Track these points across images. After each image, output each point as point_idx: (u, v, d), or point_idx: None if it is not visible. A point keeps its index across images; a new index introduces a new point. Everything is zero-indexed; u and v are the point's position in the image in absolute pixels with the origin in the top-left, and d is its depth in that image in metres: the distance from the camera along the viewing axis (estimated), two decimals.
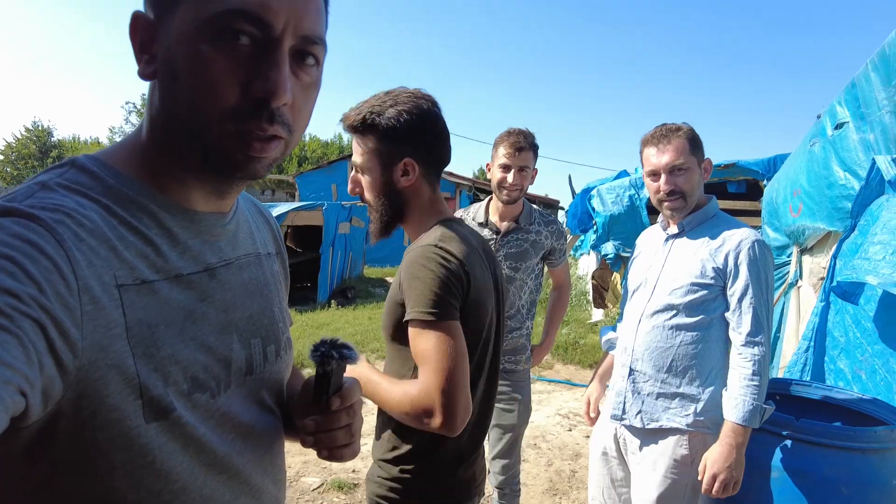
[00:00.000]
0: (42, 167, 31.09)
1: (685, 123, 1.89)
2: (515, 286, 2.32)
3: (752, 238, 1.74)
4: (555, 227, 2.38)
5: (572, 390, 5.68)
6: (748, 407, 1.63)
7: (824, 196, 3.59)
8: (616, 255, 7.73)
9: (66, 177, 0.61)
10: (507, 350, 2.34)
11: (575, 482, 3.61)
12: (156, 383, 0.59)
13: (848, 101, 3.45)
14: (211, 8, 0.58)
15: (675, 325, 1.79)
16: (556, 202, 27.68)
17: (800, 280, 4.09)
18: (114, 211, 0.61)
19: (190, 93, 0.60)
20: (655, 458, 1.81)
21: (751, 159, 7.22)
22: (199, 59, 0.58)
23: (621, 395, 1.90)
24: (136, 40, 0.63)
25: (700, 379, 1.77)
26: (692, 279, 1.77)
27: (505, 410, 2.35)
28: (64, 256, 0.53)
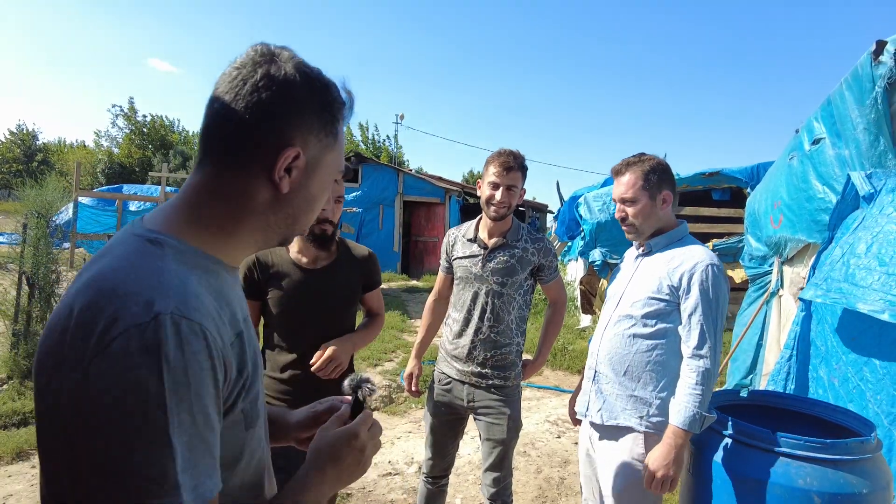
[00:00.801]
0: (27, 170, 30.44)
1: (650, 157, 2.05)
2: (503, 301, 2.36)
3: (706, 262, 1.89)
4: (542, 245, 2.42)
5: (561, 396, 5.75)
6: (689, 413, 1.78)
7: (803, 209, 3.70)
8: (603, 262, 7.83)
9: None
10: (497, 365, 2.38)
11: (564, 489, 3.68)
12: (249, 411, 0.83)
13: (824, 117, 3.56)
14: (337, 170, 0.92)
15: (632, 333, 1.98)
16: (545, 206, 27.76)
17: (781, 289, 4.19)
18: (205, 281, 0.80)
19: (315, 205, 0.91)
20: (616, 454, 1.99)
21: (735, 167, 7.36)
22: (325, 191, 0.91)
23: (586, 395, 2.12)
24: (285, 163, 0.81)
25: (653, 384, 1.94)
26: (649, 294, 1.96)
27: (494, 424, 2.38)
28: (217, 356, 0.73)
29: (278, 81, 0.80)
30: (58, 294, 5.62)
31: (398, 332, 8.33)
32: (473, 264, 2.42)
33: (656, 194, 2.01)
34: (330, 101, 0.87)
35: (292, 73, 0.81)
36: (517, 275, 2.36)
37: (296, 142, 0.82)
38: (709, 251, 1.96)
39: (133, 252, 0.73)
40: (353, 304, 2.22)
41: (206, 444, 0.69)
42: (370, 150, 32.19)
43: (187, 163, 32.38)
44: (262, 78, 0.79)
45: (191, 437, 0.66)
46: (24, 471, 3.54)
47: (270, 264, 2.08)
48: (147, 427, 0.63)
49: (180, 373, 0.65)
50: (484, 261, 2.39)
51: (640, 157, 2.05)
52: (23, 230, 5.42)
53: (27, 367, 5.13)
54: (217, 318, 0.75)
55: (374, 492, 3.50)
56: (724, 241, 6.94)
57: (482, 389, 2.40)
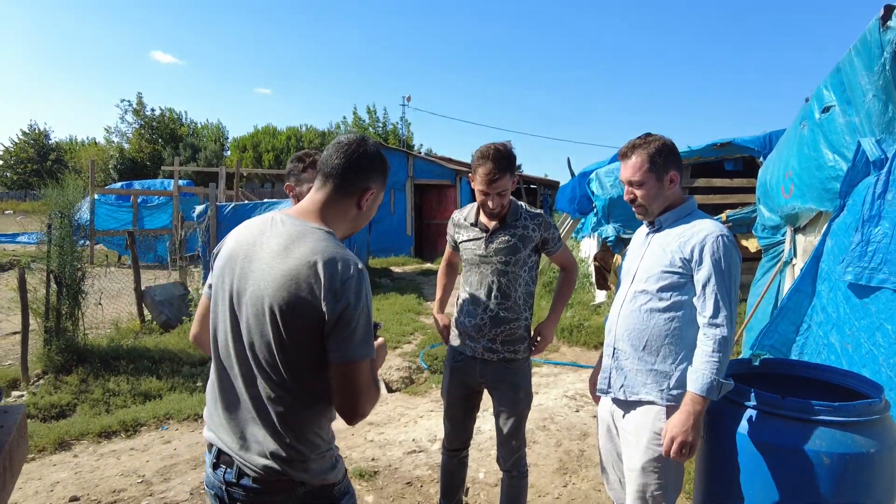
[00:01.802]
0: (41, 170, 30.83)
1: (656, 138, 2.07)
2: (509, 279, 2.47)
3: (716, 233, 1.93)
4: (540, 220, 2.52)
5: (578, 372, 5.85)
6: (706, 380, 1.82)
7: (814, 177, 3.71)
8: (616, 237, 7.85)
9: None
10: (507, 340, 2.49)
11: (584, 461, 3.79)
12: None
13: (834, 85, 3.55)
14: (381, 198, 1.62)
15: (649, 308, 2.02)
16: (557, 183, 27.62)
17: (794, 258, 4.22)
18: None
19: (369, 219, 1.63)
20: (638, 429, 2.03)
21: (747, 136, 7.30)
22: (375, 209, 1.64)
23: (607, 371, 2.16)
24: (367, 197, 1.57)
25: (672, 357, 1.98)
26: (662, 268, 2.00)
27: (505, 396, 2.51)
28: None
29: (370, 155, 1.55)
30: (84, 291, 5.79)
31: (415, 315, 8.45)
32: (477, 247, 2.52)
33: (663, 175, 2.04)
34: (386, 166, 1.61)
35: (374, 151, 1.56)
36: (520, 252, 2.46)
37: (373, 186, 1.56)
38: (717, 223, 1.99)
39: (325, 238, 1.44)
40: None
41: (371, 326, 1.42)
42: (378, 133, 32.11)
43: (197, 154, 32.58)
44: (363, 152, 1.54)
45: (368, 320, 1.40)
46: (66, 460, 3.72)
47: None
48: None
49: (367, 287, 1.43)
50: (486, 242, 2.50)
51: (645, 139, 2.07)
52: (48, 230, 5.58)
53: (61, 362, 5.32)
54: None
55: (400, 469, 3.63)
56: (738, 212, 6.93)
57: (493, 363, 2.52)
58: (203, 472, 3.52)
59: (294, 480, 1.41)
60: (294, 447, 1.40)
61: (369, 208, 1.58)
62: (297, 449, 1.41)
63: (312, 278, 1.34)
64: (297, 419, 1.41)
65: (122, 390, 4.97)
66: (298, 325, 1.35)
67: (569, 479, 3.55)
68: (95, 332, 6.47)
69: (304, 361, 1.39)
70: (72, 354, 5.43)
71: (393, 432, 4.20)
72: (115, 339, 6.27)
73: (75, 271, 5.70)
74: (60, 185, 5.95)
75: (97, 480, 3.43)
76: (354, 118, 33.56)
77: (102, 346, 5.87)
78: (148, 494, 3.27)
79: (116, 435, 4.13)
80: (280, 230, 1.45)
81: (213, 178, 16.60)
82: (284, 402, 1.40)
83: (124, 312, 7.51)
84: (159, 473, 3.52)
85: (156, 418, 4.38)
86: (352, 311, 1.34)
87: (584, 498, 3.32)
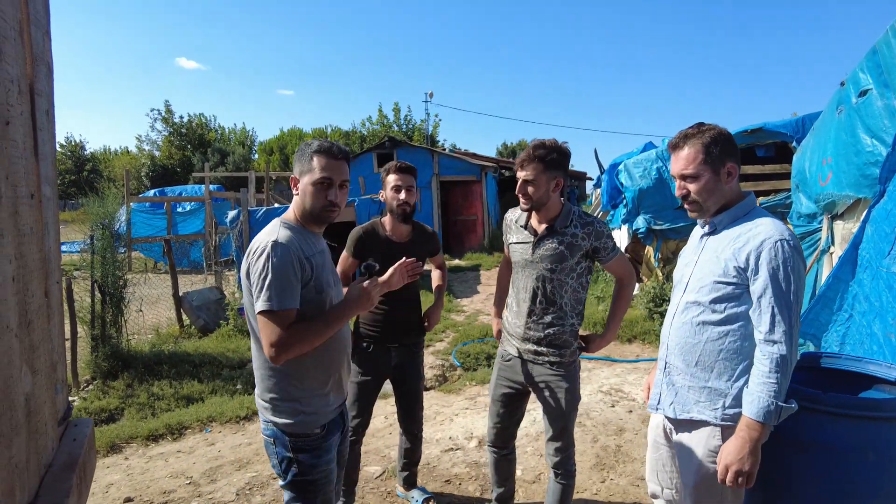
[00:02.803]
0: (79, 180, 31.79)
1: (710, 126, 1.89)
2: (554, 285, 2.45)
3: (775, 237, 1.73)
4: (592, 228, 2.44)
5: (612, 367, 5.82)
6: (762, 404, 1.66)
7: (851, 163, 3.62)
8: (647, 229, 7.76)
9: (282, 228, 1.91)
10: (553, 344, 2.49)
11: (621, 456, 3.78)
12: (320, 286, 1.93)
13: (870, 67, 3.46)
14: (315, 178, 1.93)
15: (701, 321, 1.86)
16: (584, 174, 27.36)
17: (832, 246, 4.13)
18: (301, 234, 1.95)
19: (311, 201, 1.96)
20: (692, 447, 1.89)
21: (778, 121, 7.13)
22: (312, 192, 1.94)
23: (658, 387, 2.02)
24: (293, 179, 1.99)
25: (728, 374, 1.81)
26: (715, 277, 1.83)
27: (552, 398, 2.52)
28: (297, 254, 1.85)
29: (299, 151, 1.97)
30: (126, 299, 6.00)
31: (446, 313, 8.50)
32: (524, 250, 2.51)
33: (720, 168, 1.85)
34: (305, 151, 1.94)
35: (301, 146, 1.98)
36: (567, 261, 2.42)
37: (295, 172, 1.98)
38: (779, 224, 1.79)
39: (270, 226, 1.91)
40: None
41: (292, 288, 1.79)
42: (403, 131, 32.24)
43: (225, 159, 33.19)
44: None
45: (287, 283, 1.80)
46: (118, 462, 3.88)
47: (374, 235, 2.95)
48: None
49: (275, 259, 1.79)
50: (533, 247, 2.47)
51: (698, 128, 1.89)
52: (90, 241, 5.78)
53: (107, 368, 5.53)
54: (300, 246, 1.87)
55: (439, 467, 3.68)
56: (771, 199, 6.78)
57: (539, 365, 2.53)
58: (246, 472, 3.63)
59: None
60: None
61: (302, 190, 1.95)
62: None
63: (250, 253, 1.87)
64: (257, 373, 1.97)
65: (165, 394, 5.14)
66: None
67: (606, 474, 3.56)
68: (137, 338, 6.69)
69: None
70: (117, 360, 5.64)
71: (429, 430, 4.26)
72: (157, 345, 6.48)
73: (117, 280, 5.91)
74: (100, 196, 6.16)
75: (148, 482, 3.57)
76: (379, 116, 33.76)
77: (145, 351, 6.07)
78: (196, 495, 3.39)
79: (163, 438, 4.28)
80: None
81: (243, 183, 16.92)
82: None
83: (163, 318, 7.75)
84: (206, 475, 3.64)
85: (199, 421, 4.52)
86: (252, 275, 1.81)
87: (622, 493, 3.32)
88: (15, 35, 1.13)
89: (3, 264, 1.00)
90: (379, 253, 2.81)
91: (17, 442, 1.03)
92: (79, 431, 1.25)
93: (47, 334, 1.27)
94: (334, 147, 1.93)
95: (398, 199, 2.88)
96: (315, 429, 1.93)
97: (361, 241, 2.92)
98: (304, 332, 1.78)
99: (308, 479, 1.92)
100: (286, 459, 1.90)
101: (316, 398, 1.93)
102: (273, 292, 1.74)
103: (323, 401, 1.95)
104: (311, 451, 1.92)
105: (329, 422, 1.98)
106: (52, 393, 1.28)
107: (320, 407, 1.94)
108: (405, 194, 2.88)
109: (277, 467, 1.94)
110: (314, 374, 1.92)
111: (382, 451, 3.87)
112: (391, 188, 2.89)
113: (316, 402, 1.93)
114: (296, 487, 1.93)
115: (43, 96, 1.31)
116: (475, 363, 6.05)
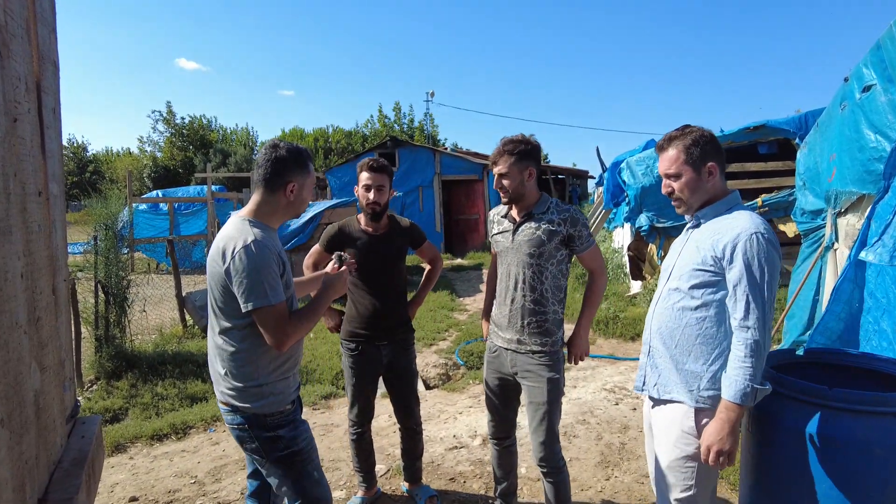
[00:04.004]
0: (82, 181, 31.96)
1: (693, 129, 2.01)
2: (534, 271, 2.50)
3: (751, 230, 1.83)
4: (567, 215, 2.51)
5: (616, 364, 5.82)
6: (739, 387, 1.76)
7: (855, 159, 3.61)
8: (650, 227, 7.75)
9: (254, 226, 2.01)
10: (534, 332, 2.52)
11: (625, 453, 3.78)
12: (287, 280, 2.06)
13: (874, 62, 3.45)
14: (311, 186, 2.18)
15: (681, 306, 1.97)
16: (585, 172, 27.31)
17: (836, 242, 4.11)
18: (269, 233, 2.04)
19: (304, 204, 2.16)
20: (667, 427, 2.00)
21: (781, 118, 7.12)
22: (309, 196, 2.18)
23: (643, 369, 2.14)
24: (291, 189, 2.08)
25: (704, 358, 1.92)
26: (694, 266, 1.94)
27: (533, 387, 2.53)
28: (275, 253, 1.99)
29: (281, 156, 2.04)
30: (129, 299, 6.02)
31: (448, 312, 8.50)
32: (505, 238, 2.61)
33: (700, 167, 1.97)
34: (303, 158, 2.10)
35: (284, 151, 2.06)
36: (544, 245, 2.49)
37: (293, 179, 2.06)
38: (755, 218, 1.89)
39: (236, 224, 2.01)
40: (402, 259, 3.10)
41: (279, 282, 1.94)
42: (404, 131, 32.24)
43: (227, 160, 33.22)
44: (274, 156, 2.04)
45: (274, 278, 1.93)
46: (123, 462, 3.89)
47: (349, 232, 2.98)
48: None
49: (260, 257, 1.90)
50: (513, 234, 2.56)
51: (682, 131, 2.02)
52: (94, 242, 5.79)
53: (111, 368, 5.54)
54: (272, 243, 1.99)
55: (443, 465, 3.68)
56: (774, 196, 6.77)
57: (522, 355, 2.56)
58: None
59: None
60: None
61: (297, 195, 2.08)
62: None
63: (220, 253, 1.95)
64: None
65: (169, 394, 5.15)
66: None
67: (611, 472, 3.55)
68: (141, 338, 6.70)
69: None
70: (121, 360, 5.65)
71: (433, 429, 4.26)
72: (160, 345, 6.49)
73: (121, 280, 5.92)
74: (103, 197, 6.18)
75: (153, 481, 3.57)
76: (380, 116, 33.76)
77: (149, 351, 6.08)
78: (201, 494, 3.40)
79: (168, 437, 4.29)
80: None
81: (245, 183, 16.94)
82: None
83: (167, 318, 7.76)
84: (210, 474, 3.65)
85: (203, 420, 4.53)
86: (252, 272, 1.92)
87: (627, 491, 3.32)
88: (22, 33, 1.13)
89: (12, 261, 1.00)
90: (354, 247, 2.93)
91: (26, 438, 1.03)
92: (87, 429, 1.26)
93: (55, 331, 1.28)
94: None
95: (367, 199, 2.91)
96: (286, 405, 2.09)
97: (335, 237, 2.98)
98: (301, 320, 2.00)
99: (294, 450, 2.06)
100: (268, 438, 2.02)
101: (281, 382, 2.08)
102: (267, 287, 1.88)
103: (286, 384, 2.11)
104: (288, 424, 2.07)
105: (294, 399, 2.16)
106: (60, 390, 1.28)
107: (285, 388, 2.10)
108: (374, 194, 2.89)
109: (259, 451, 2.04)
110: (279, 361, 2.07)
111: (387, 450, 3.87)
112: (362, 186, 2.93)
113: (281, 384, 2.08)
114: (285, 462, 2.05)
115: (50, 94, 1.32)
116: (478, 362, 6.05)
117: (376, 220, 2.97)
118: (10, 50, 1.04)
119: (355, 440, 3.10)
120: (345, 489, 3.41)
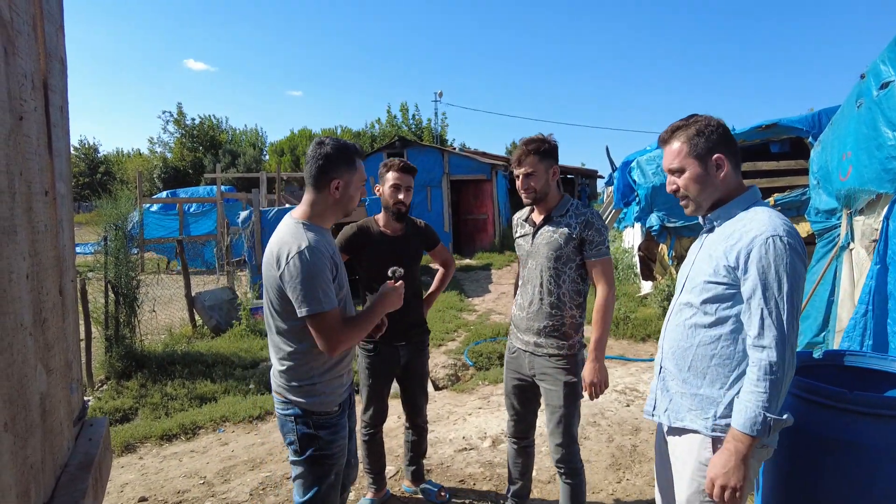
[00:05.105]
0: (93, 182, 32.29)
1: (698, 118, 1.79)
2: (552, 274, 2.48)
3: (767, 234, 1.59)
4: (583, 218, 2.45)
5: (626, 365, 5.77)
6: (749, 415, 1.54)
7: (873, 157, 3.55)
8: (661, 226, 7.69)
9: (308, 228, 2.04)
10: (552, 335, 2.50)
11: (637, 456, 3.73)
12: (340, 282, 2.09)
13: (891, 58, 3.39)
14: (360, 182, 2.14)
15: (693, 323, 1.75)
16: (595, 172, 27.20)
17: (851, 242, 4.05)
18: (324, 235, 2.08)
19: (353, 202, 2.15)
20: (684, 457, 1.79)
21: (793, 116, 7.03)
22: (357, 193, 2.14)
23: (654, 392, 1.91)
24: (334, 183, 2.05)
25: (720, 381, 1.69)
26: (706, 278, 1.71)
27: (550, 390, 2.53)
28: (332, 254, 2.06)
29: (325, 153, 2.03)
30: (139, 299, 6.03)
31: (457, 312, 8.47)
32: (525, 242, 2.62)
33: (706, 159, 1.73)
34: (349, 154, 2.06)
35: (329, 147, 2.03)
36: (561, 249, 2.46)
37: (338, 176, 2.04)
38: (775, 219, 1.64)
39: (290, 227, 2.02)
40: (418, 260, 3.15)
41: (331, 287, 1.97)
42: (412, 131, 32.25)
43: (236, 160, 33.37)
44: (318, 153, 2.04)
45: (328, 284, 1.95)
46: (132, 462, 3.89)
47: (368, 232, 2.98)
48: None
49: (313, 264, 1.92)
50: (532, 237, 2.56)
51: (686, 121, 1.79)
52: (104, 242, 5.82)
53: (121, 368, 5.56)
54: (326, 246, 2.00)
55: (452, 467, 3.65)
56: (787, 195, 6.69)
57: (540, 357, 2.55)
58: (260, 472, 3.63)
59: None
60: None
61: (343, 193, 2.06)
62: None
63: (275, 257, 1.98)
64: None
65: (178, 394, 5.16)
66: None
67: (622, 474, 3.51)
68: (150, 338, 6.72)
69: None
70: (131, 360, 5.66)
71: (443, 430, 4.23)
72: (170, 345, 6.51)
73: (130, 280, 5.94)
74: (113, 197, 6.20)
75: (162, 482, 3.57)
76: (388, 117, 33.78)
77: (158, 351, 6.10)
78: (210, 495, 3.39)
79: (177, 438, 4.29)
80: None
81: (254, 184, 16.99)
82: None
83: (176, 318, 7.79)
84: (219, 475, 3.64)
85: (212, 421, 4.52)
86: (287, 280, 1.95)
87: (638, 493, 3.28)
88: (28, 30, 1.11)
89: (17, 261, 0.98)
90: (373, 247, 2.93)
91: (32, 442, 1.01)
92: (94, 431, 1.24)
93: (62, 333, 1.26)
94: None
95: (395, 198, 2.93)
96: (334, 407, 2.11)
97: (354, 238, 2.96)
98: (354, 329, 2.03)
99: (326, 454, 2.08)
100: (307, 436, 2.06)
101: (335, 380, 2.11)
102: (321, 294, 1.90)
103: (338, 382, 2.13)
104: (330, 427, 2.09)
105: (342, 401, 2.17)
106: (67, 392, 1.26)
107: (336, 388, 2.12)
108: (403, 194, 2.93)
109: (295, 444, 2.08)
110: (333, 361, 2.10)
111: (396, 451, 3.85)
112: (390, 186, 2.94)
113: (335, 383, 2.11)
114: (313, 462, 2.08)
115: (56, 92, 1.30)
116: (487, 362, 6.02)
117: (401, 220, 2.98)
118: (16, 47, 1.02)
119: (367, 441, 3.09)
120: (353, 490, 3.39)
